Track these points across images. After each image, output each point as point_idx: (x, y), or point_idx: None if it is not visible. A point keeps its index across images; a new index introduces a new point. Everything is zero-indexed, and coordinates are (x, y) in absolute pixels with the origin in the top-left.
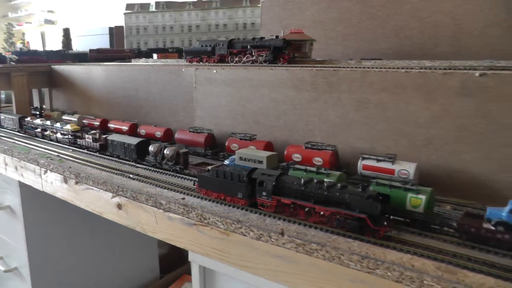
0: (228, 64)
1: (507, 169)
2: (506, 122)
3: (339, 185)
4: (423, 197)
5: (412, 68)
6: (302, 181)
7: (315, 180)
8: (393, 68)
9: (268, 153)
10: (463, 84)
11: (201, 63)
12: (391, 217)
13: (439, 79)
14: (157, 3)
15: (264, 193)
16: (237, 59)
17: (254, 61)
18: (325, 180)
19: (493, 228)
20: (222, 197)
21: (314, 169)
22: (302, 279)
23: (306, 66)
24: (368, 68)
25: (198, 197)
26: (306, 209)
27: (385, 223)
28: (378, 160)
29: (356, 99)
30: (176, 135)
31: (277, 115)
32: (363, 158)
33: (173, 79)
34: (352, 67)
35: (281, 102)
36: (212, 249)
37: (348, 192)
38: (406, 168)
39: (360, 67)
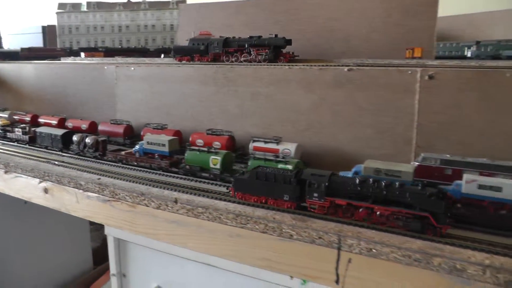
0: (144, 62)
1: (370, 145)
2: (368, 107)
3: (397, 183)
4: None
5: (295, 65)
6: (358, 181)
7: (370, 180)
8: (280, 65)
9: (170, 137)
10: (335, 78)
11: (192, 62)
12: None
13: (316, 73)
14: (88, 3)
15: (315, 194)
16: (233, 58)
17: (252, 60)
18: (381, 178)
19: None
20: (263, 201)
21: (272, 157)
22: (193, 239)
23: (208, 64)
24: (260, 65)
25: (111, 177)
26: (361, 209)
27: (448, 221)
28: (266, 142)
29: (250, 92)
30: (99, 127)
31: (186, 107)
32: (254, 141)
33: (97, 76)
34: (246, 65)
35: (189, 95)
36: (123, 221)
37: (409, 191)
38: (289, 148)
39: (253, 65)
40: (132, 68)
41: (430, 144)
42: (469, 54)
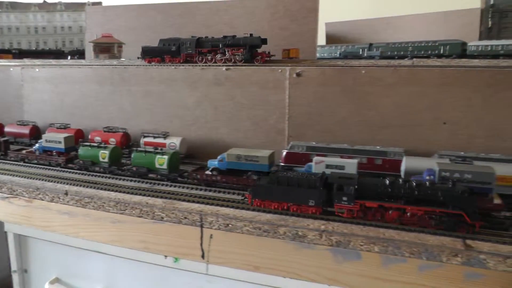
0: (49, 64)
1: (248, 136)
2: (245, 102)
3: (427, 183)
4: (166, 157)
5: (181, 65)
6: (388, 182)
7: (400, 181)
8: (167, 65)
9: (66, 134)
10: (216, 76)
11: (163, 63)
12: None
13: (199, 73)
14: (1, 3)
15: (344, 198)
16: (208, 58)
17: (228, 60)
18: (409, 179)
19: (210, 173)
20: (285, 207)
21: (152, 149)
22: (83, 228)
23: (105, 65)
24: (150, 65)
25: (10, 175)
26: (391, 211)
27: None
28: (155, 137)
29: (142, 91)
30: (6, 129)
31: (86, 107)
32: (144, 136)
33: (3, 78)
34: (137, 65)
35: (88, 95)
36: (21, 216)
37: (441, 189)
38: (174, 141)
39: (144, 65)
40: (37, 70)
41: (300, 134)
42: (365, 54)
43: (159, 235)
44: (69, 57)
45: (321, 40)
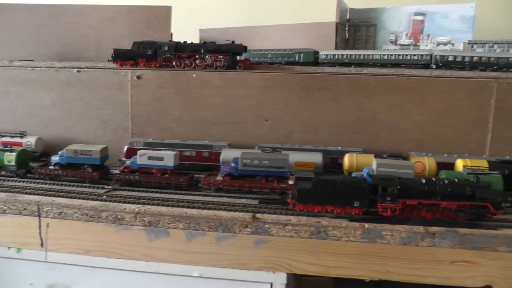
0: None
1: (97, 134)
2: (94, 103)
3: (456, 179)
4: (14, 154)
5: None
6: (424, 181)
7: (433, 179)
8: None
9: None
10: (68, 78)
11: (136, 67)
12: None
13: (53, 74)
14: None
15: (388, 198)
16: (187, 62)
17: (209, 66)
18: (440, 177)
19: (53, 167)
20: (329, 210)
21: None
22: None
23: None
24: (8, 67)
25: None
26: (426, 208)
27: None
28: (12, 136)
29: (2, 91)
30: None
31: None
32: (2, 136)
33: None
34: None
35: None
36: None
37: (468, 185)
38: (30, 140)
39: (2, 66)
40: None
41: (142, 131)
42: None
43: (1, 227)
44: None
45: None
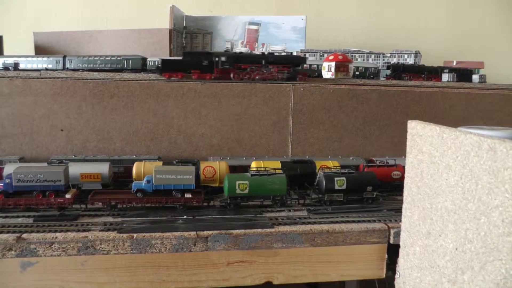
0: None
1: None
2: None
3: None
4: None
5: None
6: None
7: None
8: None
9: None
10: None
11: (187, 79)
12: None
13: None
14: None
15: None
16: (247, 76)
17: (269, 78)
18: None
19: None
20: None
21: None
22: None
23: None
24: None
25: None
26: None
27: None
28: None
29: None
30: None
31: None
32: None
33: None
34: None
35: None
36: None
37: None
38: None
39: None
40: None
41: None
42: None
43: None
44: None
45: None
